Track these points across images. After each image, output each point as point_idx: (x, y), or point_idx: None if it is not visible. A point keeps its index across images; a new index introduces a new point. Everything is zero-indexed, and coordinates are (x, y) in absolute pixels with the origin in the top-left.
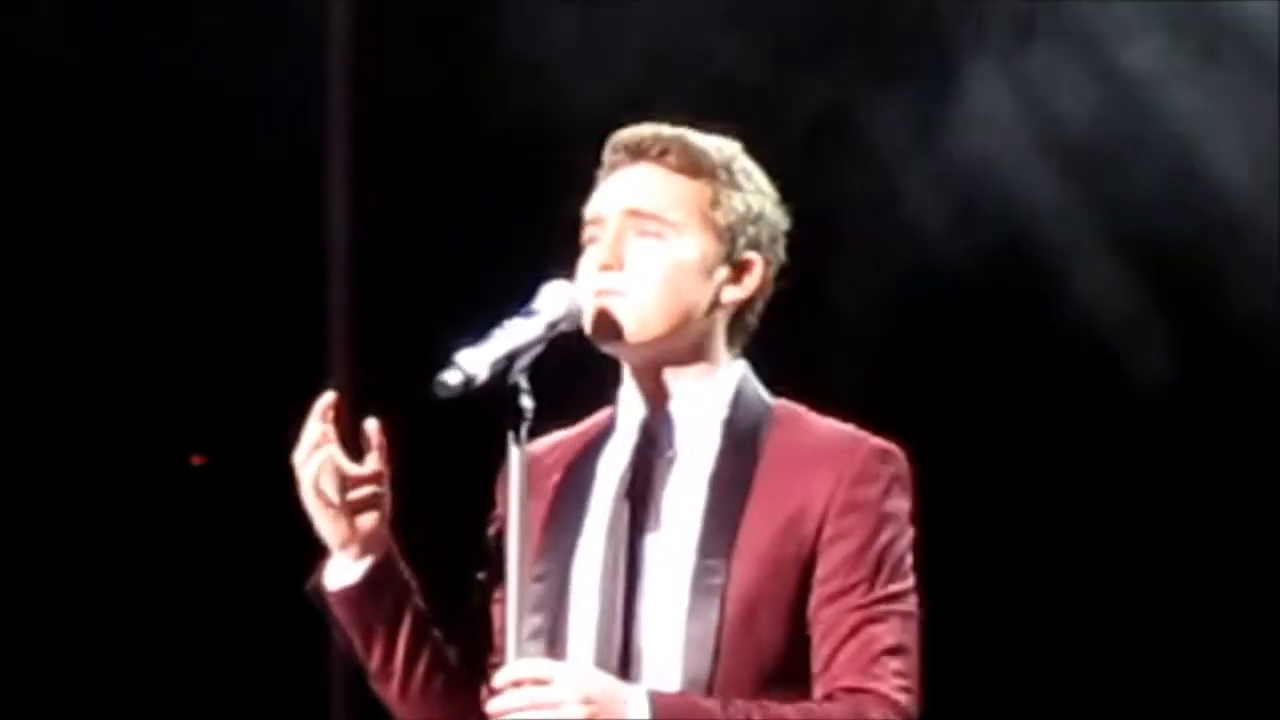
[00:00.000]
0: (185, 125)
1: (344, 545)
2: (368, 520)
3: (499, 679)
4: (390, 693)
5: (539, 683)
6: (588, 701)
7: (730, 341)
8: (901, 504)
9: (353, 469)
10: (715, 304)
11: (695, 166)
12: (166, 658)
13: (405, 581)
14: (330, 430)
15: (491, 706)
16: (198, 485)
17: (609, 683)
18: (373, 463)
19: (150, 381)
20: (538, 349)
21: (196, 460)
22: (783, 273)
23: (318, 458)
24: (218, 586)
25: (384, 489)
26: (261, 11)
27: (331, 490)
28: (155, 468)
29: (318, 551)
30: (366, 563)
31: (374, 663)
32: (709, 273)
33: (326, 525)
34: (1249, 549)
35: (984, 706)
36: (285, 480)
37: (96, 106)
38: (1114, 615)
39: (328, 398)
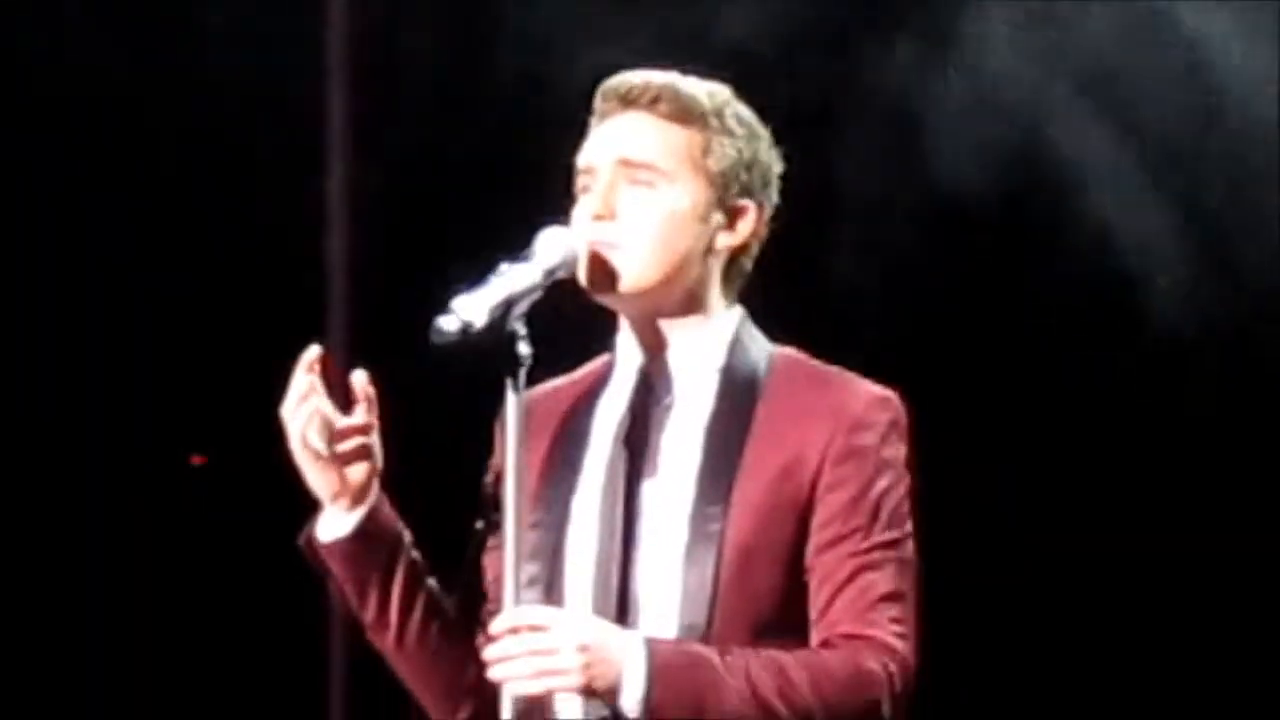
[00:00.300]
0: (184, 120)
1: (335, 497)
2: (358, 472)
3: (495, 626)
4: (386, 643)
5: (535, 629)
6: (583, 649)
7: (726, 288)
8: (899, 451)
9: (341, 420)
10: (709, 251)
11: (686, 114)
12: (166, 657)
13: (398, 532)
14: (317, 381)
15: (488, 653)
16: (198, 485)
17: (605, 629)
18: (361, 414)
19: (150, 381)
20: (535, 295)
21: (196, 460)
22: (776, 216)
23: (305, 409)
24: (218, 586)
25: (373, 440)
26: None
27: (320, 442)
28: (155, 468)
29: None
30: (358, 514)
31: (369, 614)
32: (702, 220)
33: (316, 477)
34: (1250, 549)
35: (984, 705)
36: (285, 480)
37: (96, 106)
38: (1114, 612)
39: (314, 350)
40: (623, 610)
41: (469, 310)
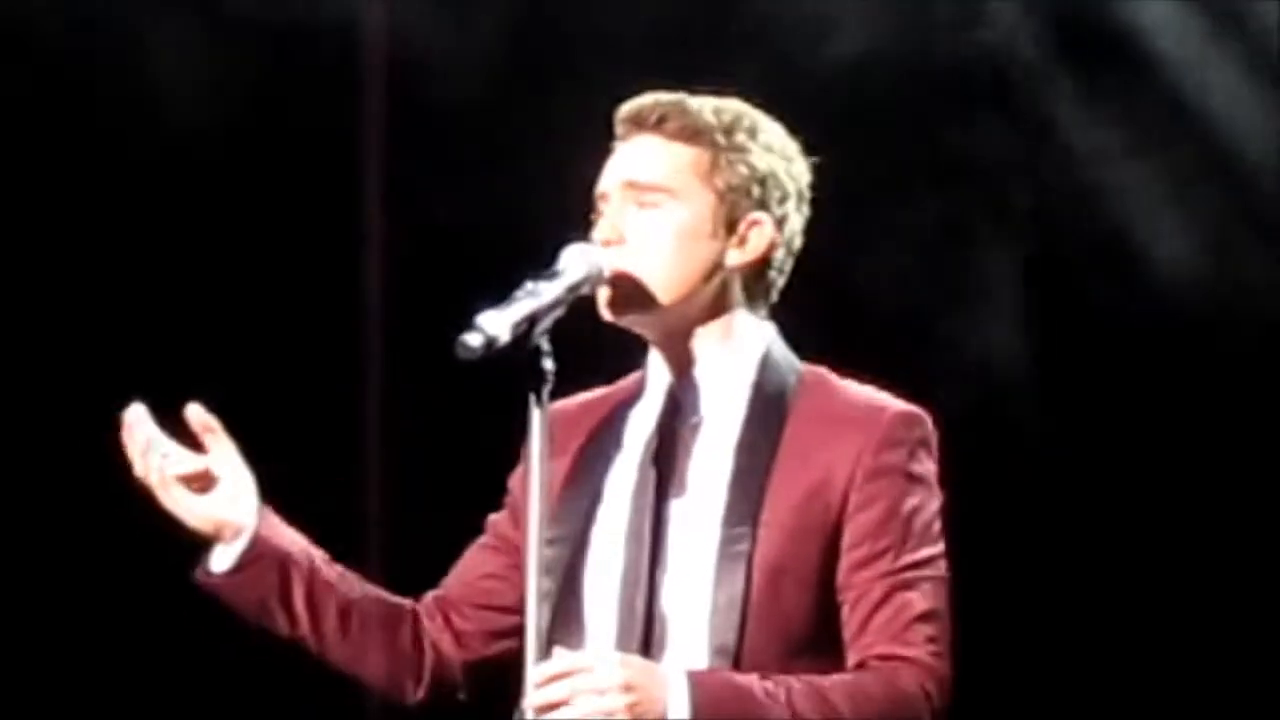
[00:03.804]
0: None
1: (214, 534)
2: (225, 502)
3: (536, 673)
4: (313, 651)
5: (579, 673)
6: (628, 689)
7: (751, 304)
8: (927, 468)
9: (183, 464)
10: (718, 268)
11: (692, 131)
12: (166, 657)
13: (286, 548)
14: (143, 438)
15: (533, 699)
16: None
17: (647, 667)
18: (214, 448)
19: (150, 380)
20: (559, 311)
21: None
22: (810, 229)
23: (150, 464)
24: None
25: (229, 468)
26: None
27: (173, 496)
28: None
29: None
30: (237, 546)
31: (281, 631)
32: (710, 237)
33: (190, 520)
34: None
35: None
36: (287, 480)
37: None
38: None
39: (130, 413)
40: (649, 631)
41: (493, 326)
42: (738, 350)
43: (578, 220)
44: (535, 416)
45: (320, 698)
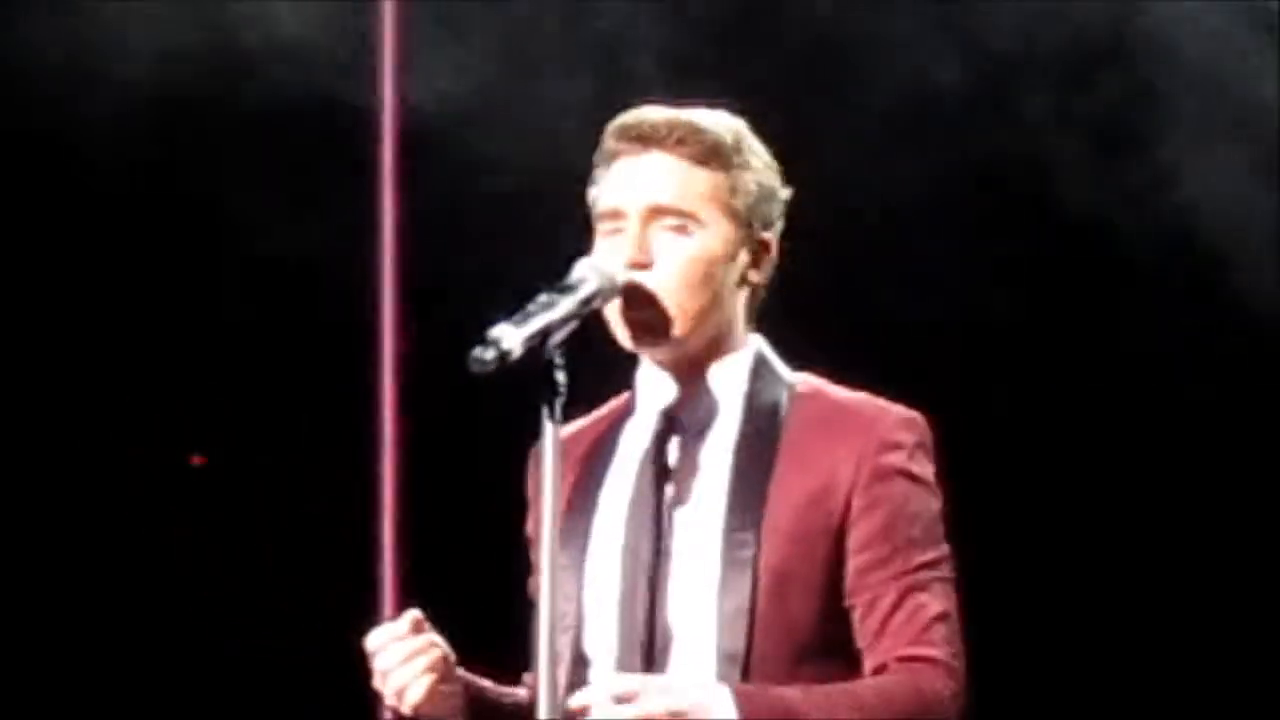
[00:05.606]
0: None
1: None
2: (442, 690)
3: (581, 698)
4: None
5: (624, 700)
6: (676, 713)
7: (748, 318)
8: (927, 470)
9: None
10: (739, 290)
11: (712, 155)
12: (165, 657)
13: (495, 709)
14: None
15: None
16: (198, 485)
17: (691, 688)
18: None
19: (150, 382)
20: (572, 325)
21: (196, 460)
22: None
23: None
24: (218, 586)
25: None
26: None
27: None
28: (155, 468)
29: (315, 553)
30: None
31: None
32: (732, 260)
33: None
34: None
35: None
36: (285, 480)
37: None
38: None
39: (414, 614)
40: (651, 641)
41: (506, 339)
42: (732, 361)
43: None
44: (548, 430)
45: (322, 698)
